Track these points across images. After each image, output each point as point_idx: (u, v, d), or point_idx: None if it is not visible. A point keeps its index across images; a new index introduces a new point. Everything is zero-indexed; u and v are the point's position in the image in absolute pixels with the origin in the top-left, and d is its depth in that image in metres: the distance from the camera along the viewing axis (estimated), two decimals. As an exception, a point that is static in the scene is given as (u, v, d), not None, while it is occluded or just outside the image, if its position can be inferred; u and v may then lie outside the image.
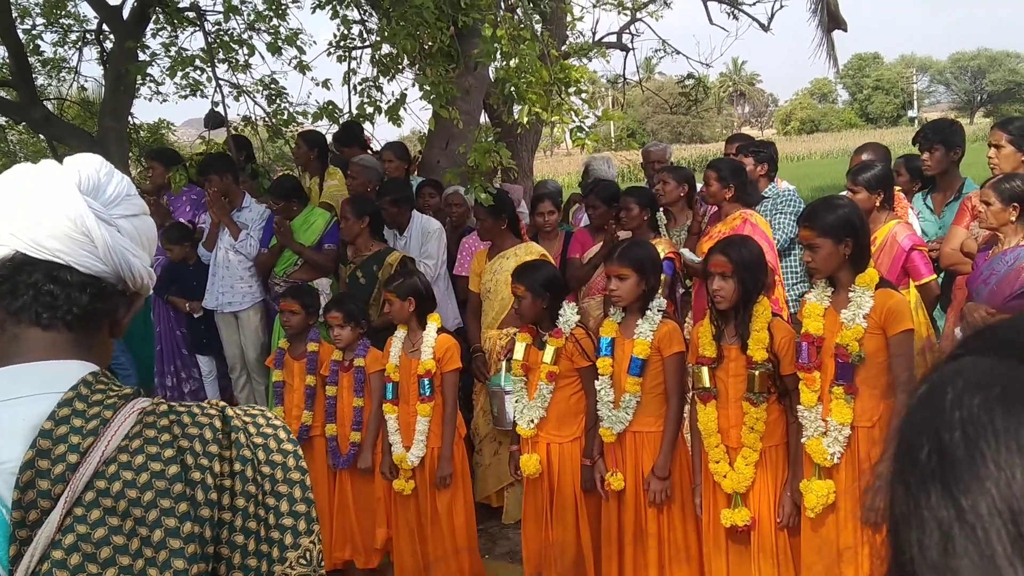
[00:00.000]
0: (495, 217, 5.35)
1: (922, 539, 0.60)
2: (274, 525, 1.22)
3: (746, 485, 3.64)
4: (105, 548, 1.09)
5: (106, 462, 1.13)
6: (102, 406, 1.18)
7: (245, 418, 1.27)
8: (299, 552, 1.23)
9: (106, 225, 1.25)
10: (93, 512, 1.10)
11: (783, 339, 3.64)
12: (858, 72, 78.99)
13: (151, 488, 1.13)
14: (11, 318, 1.23)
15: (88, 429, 1.15)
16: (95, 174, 1.28)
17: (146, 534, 1.11)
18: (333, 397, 4.85)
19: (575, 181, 30.53)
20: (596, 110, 6.15)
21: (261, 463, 1.23)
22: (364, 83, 7.27)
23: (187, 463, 1.17)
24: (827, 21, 10.60)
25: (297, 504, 1.25)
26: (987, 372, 0.62)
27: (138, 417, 1.18)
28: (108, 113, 8.00)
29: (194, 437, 1.19)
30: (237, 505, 1.19)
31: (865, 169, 4.79)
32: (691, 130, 65.33)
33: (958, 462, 0.59)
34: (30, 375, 1.20)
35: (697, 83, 11.43)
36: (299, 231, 6.08)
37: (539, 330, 4.30)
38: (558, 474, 4.21)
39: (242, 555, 1.19)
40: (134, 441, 1.16)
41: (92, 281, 1.25)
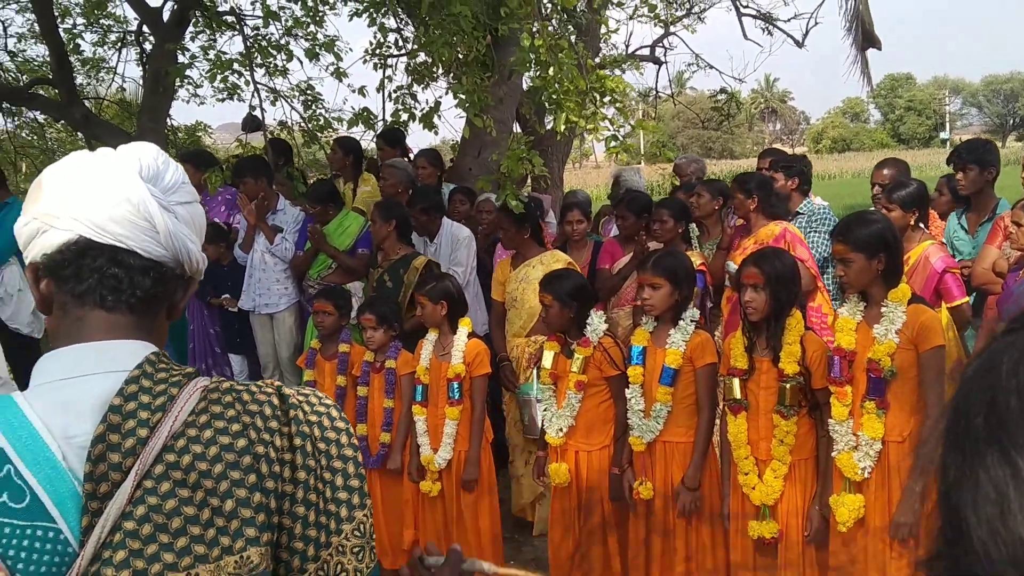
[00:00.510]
0: (518, 226, 5.35)
1: (977, 499, 0.63)
2: (331, 498, 1.26)
3: (774, 498, 3.64)
4: (176, 518, 1.13)
5: (174, 436, 1.17)
6: (167, 383, 1.21)
7: (300, 397, 1.31)
8: (354, 525, 1.28)
9: (166, 211, 1.29)
10: (163, 484, 1.14)
11: (815, 352, 3.64)
12: (891, 92, 78.51)
13: (220, 460, 1.17)
14: (75, 300, 1.26)
15: (156, 405, 1.18)
16: (154, 162, 1.32)
17: (217, 504, 1.15)
18: (364, 398, 4.89)
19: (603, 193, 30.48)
20: (630, 120, 6.17)
21: (318, 439, 1.28)
22: (399, 90, 7.35)
23: (252, 437, 1.21)
24: (861, 39, 10.56)
25: (351, 479, 1.29)
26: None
27: (202, 394, 1.22)
28: (146, 113, 8.12)
29: (255, 413, 1.23)
30: (298, 478, 1.23)
31: (901, 187, 4.77)
32: (721, 145, 65.14)
33: (1013, 424, 0.62)
34: (95, 354, 1.23)
35: (729, 98, 11.42)
36: (334, 235, 6.14)
37: (567, 339, 4.32)
38: (586, 482, 4.21)
39: (303, 526, 1.23)
40: (201, 416, 1.20)
41: (153, 265, 1.29)
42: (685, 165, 7.16)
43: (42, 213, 1.26)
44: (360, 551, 1.28)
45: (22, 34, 10.62)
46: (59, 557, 1.11)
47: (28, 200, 1.30)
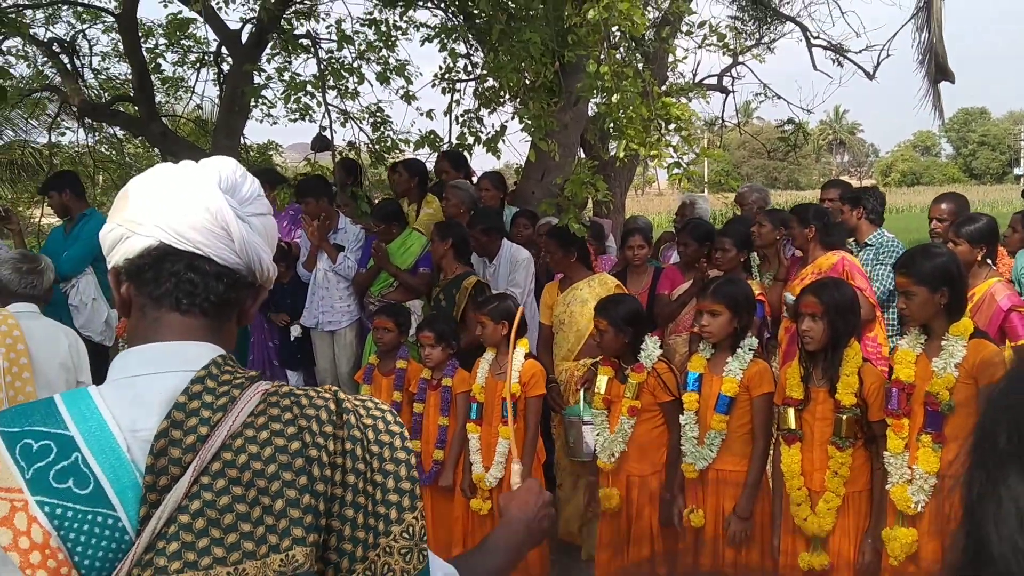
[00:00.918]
0: (565, 249, 5.38)
1: (998, 516, 0.64)
2: (380, 500, 1.29)
3: (827, 530, 3.60)
4: (228, 515, 1.17)
5: (233, 436, 1.22)
6: (231, 385, 1.27)
7: (355, 402, 1.35)
8: (403, 527, 1.30)
9: (241, 221, 1.36)
10: (219, 481, 1.19)
11: (872, 385, 3.60)
12: (964, 126, 76.94)
13: (274, 461, 1.22)
14: (152, 303, 1.33)
15: (218, 405, 1.24)
16: (232, 175, 1.39)
17: (268, 503, 1.19)
18: (420, 414, 4.96)
19: (665, 221, 30.37)
20: (695, 147, 6.18)
21: (370, 443, 1.31)
22: (466, 114, 7.47)
23: (306, 440, 1.25)
24: (934, 72, 10.44)
25: (402, 482, 1.32)
26: None
27: (262, 397, 1.28)
28: (222, 131, 8.35)
29: (311, 417, 1.28)
30: (348, 481, 1.27)
31: (970, 221, 4.69)
32: (787, 176, 64.42)
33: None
34: (167, 354, 1.30)
35: (796, 128, 11.34)
36: (396, 254, 6.25)
37: (621, 364, 4.34)
38: (636, 507, 4.21)
39: (351, 528, 1.27)
40: (259, 418, 1.25)
41: (228, 272, 1.35)
42: (747, 194, 7.14)
43: (127, 220, 1.34)
44: (408, 553, 1.30)
45: (107, 53, 10.99)
46: (116, 544, 1.16)
47: (114, 208, 1.38)
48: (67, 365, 4.20)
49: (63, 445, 1.19)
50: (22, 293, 4.22)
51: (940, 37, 10.24)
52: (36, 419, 1.21)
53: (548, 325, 5.58)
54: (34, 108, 11.75)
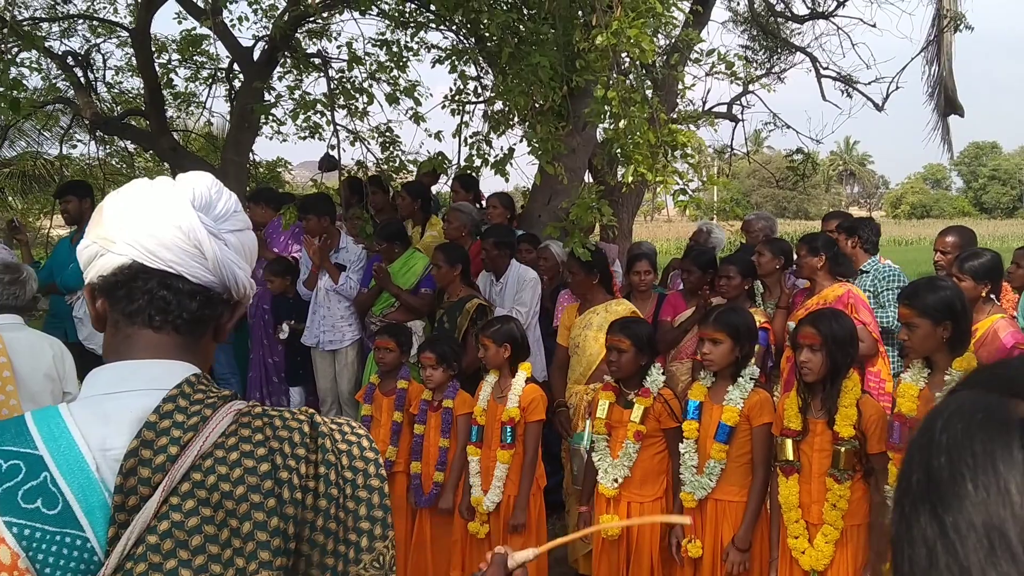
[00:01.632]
0: (587, 272, 5.38)
1: (912, 556, 0.65)
2: (352, 528, 1.28)
3: (824, 563, 3.56)
4: (196, 536, 1.16)
5: (203, 456, 1.21)
6: (203, 404, 1.26)
7: (332, 425, 1.34)
8: (373, 555, 1.29)
9: (215, 239, 1.35)
10: (188, 502, 1.18)
11: (871, 417, 3.58)
12: (974, 160, 76.90)
13: (243, 483, 1.20)
14: (125, 319, 1.33)
15: (189, 424, 1.23)
16: (207, 191, 1.38)
17: (236, 525, 1.18)
18: (420, 436, 4.94)
19: (673, 247, 30.37)
20: (702, 175, 6.19)
21: (344, 468, 1.31)
22: (475, 136, 7.49)
23: (276, 463, 1.24)
24: (943, 105, 10.47)
25: (375, 510, 1.31)
26: (972, 402, 0.68)
27: (235, 417, 1.27)
28: (231, 147, 8.39)
29: (284, 439, 1.27)
30: (320, 506, 1.26)
31: (974, 257, 4.65)
32: (796, 206, 64.41)
33: (942, 483, 0.65)
34: (139, 372, 1.30)
35: (806, 158, 11.34)
36: (398, 273, 6.25)
37: (623, 388, 4.32)
38: (636, 535, 4.18)
39: (321, 554, 1.25)
40: (230, 439, 1.24)
41: (201, 290, 1.35)
42: (754, 222, 7.12)
43: (101, 237, 1.33)
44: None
45: (120, 67, 11.09)
46: (85, 564, 1.15)
47: (90, 224, 1.37)
48: (52, 376, 4.15)
49: (32, 464, 1.18)
50: (4, 304, 4.18)
51: (950, 71, 10.27)
52: (6, 438, 1.20)
53: (564, 347, 5.56)
54: (47, 120, 11.85)
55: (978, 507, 0.62)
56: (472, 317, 5.58)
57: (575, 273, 5.44)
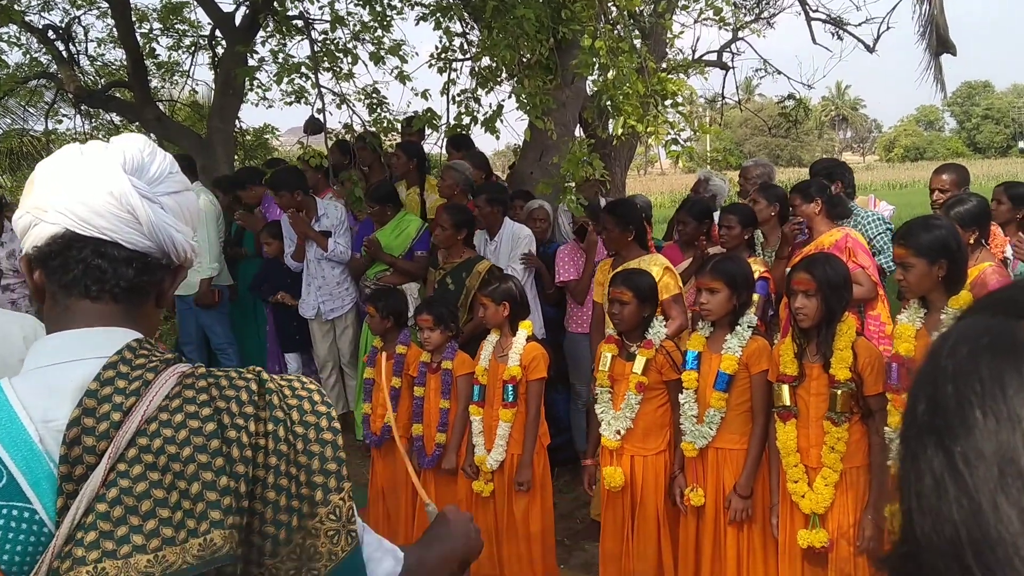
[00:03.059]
0: (622, 228, 5.19)
1: (919, 488, 0.63)
2: (305, 482, 1.27)
3: (825, 506, 3.57)
4: (146, 501, 1.15)
5: (148, 420, 1.19)
6: (144, 369, 1.24)
7: (281, 382, 1.33)
8: (329, 508, 1.29)
9: (149, 202, 1.31)
10: (135, 467, 1.16)
11: (867, 359, 3.56)
12: (967, 100, 76.65)
13: (189, 444, 1.19)
14: (62, 291, 1.30)
15: (131, 390, 1.21)
16: (139, 154, 1.34)
17: (184, 487, 1.17)
18: (420, 398, 4.93)
19: (668, 201, 30.30)
20: (693, 125, 6.13)
21: (294, 423, 1.29)
22: (463, 94, 7.41)
23: (223, 422, 1.22)
24: (935, 44, 10.35)
25: (328, 463, 1.30)
26: (978, 327, 0.66)
27: (178, 379, 1.25)
28: (216, 115, 8.33)
29: (231, 399, 1.25)
30: (270, 463, 1.25)
31: (959, 204, 4.59)
32: (790, 153, 64.29)
33: (949, 413, 0.62)
34: (79, 341, 1.28)
35: (797, 104, 11.26)
36: (391, 236, 6.21)
37: (625, 341, 4.30)
38: (641, 487, 4.18)
39: (274, 510, 1.24)
40: (174, 401, 1.22)
41: (137, 256, 1.32)
42: (751, 168, 7.04)
43: (33, 207, 1.30)
44: (335, 534, 1.29)
45: (101, 39, 10.97)
46: (35, 537, 1.14)
47: (24, 194, 1.35)
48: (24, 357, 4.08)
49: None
50: None
51: (941, 8, 10.14)
52: None
53: (600, 304, 5.38)
54: (31, 96, 11.74)
55: (987, 435, 0.60)
56: (484, 279, 5.50)
57: (610, 229, 5.26)
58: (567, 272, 5.91)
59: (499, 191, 6.25)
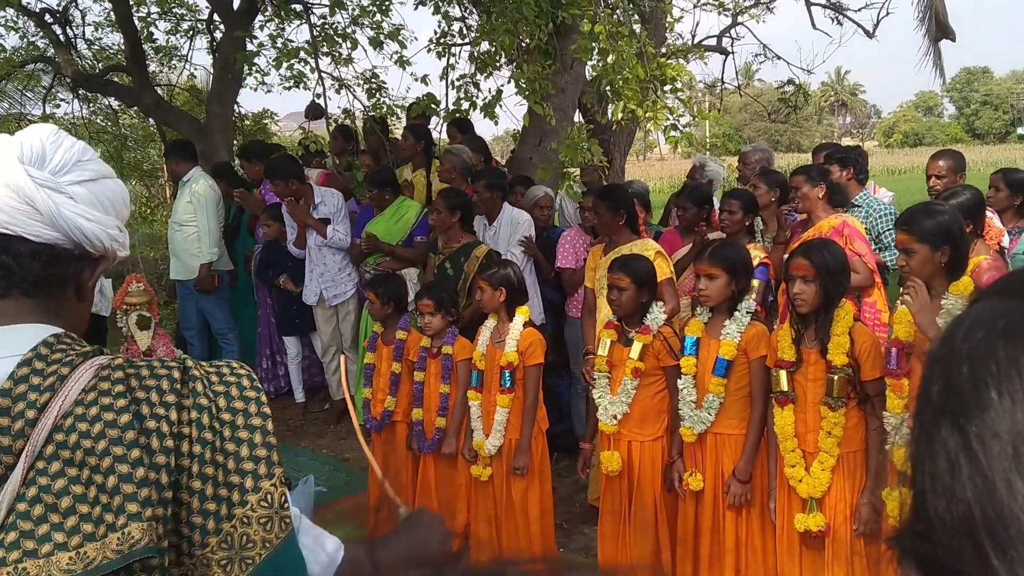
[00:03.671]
0: (614, 212, 5.19)
1: (933, 469, 0.64)
2: (234, 470, 1.24)
3: (822, 490, 3.59)
4: (65, 498, 1.13)
5: (64, 416, 1.17)
6: (60, 363, 1.21)
7: (208, 369, 1.30)
8: (260, 495, 1.25)
9: (53, 192, 1.27)
10: (53, 464, 1.14)
11: (864, 344, 3.57)
12: (966, 86, 76.48)
13: (104, 437, 1.16)
14: None
15: (45, 386, 1.18)
16: (40, 144, 1.30)
17: (101, 481, 1.14)
18: (420, 383, 4.94)
19: (667, 186, 30.23)
20: (692, 110, 6.12)
21: (221, 410, 1.26)
22: (462, 79, 7.39)
23: (142, 412, 1.20)
24: (934, 30, 10.33)
25: (257, 449, 1.27)
26: (994, 309, 0.66)
27: (95, 372, 1.22)
28: (215, 100, 8.31)
29: (151, 388, 1.22)
30: (194, 452, 1.22)
31: (953, 197, 4.55)
32: (789, 139, 64.17)
33: (964, 393, 0.63)
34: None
35: (797, 89, 11.23)
36: (390, 222, 6.21)
37: (624, 327, 4.31)
38: (638, 473, 4.20)
39: (200, 500, 1.22)
40: (89, 394, 1.19)
41: (44, 249, 1.28)
42: (750, 154, 7.02)
43: None
44: (268, 521, 1.25)
45: (99, 22, 10.92)
46: None
47: None
48: None
49: None
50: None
51: (941, -6, 10.12)
52: None
53: (592, 289, 5.41)
54: (28, 80, 11.70)
55: (1003, 415, 0.60)
56: (482, 263, 5.50)
57: (601, 214, 5.27)
58: (566, 259, 5.91)
59: (498, 176, 6.25)
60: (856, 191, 5.71)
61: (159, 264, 11.70)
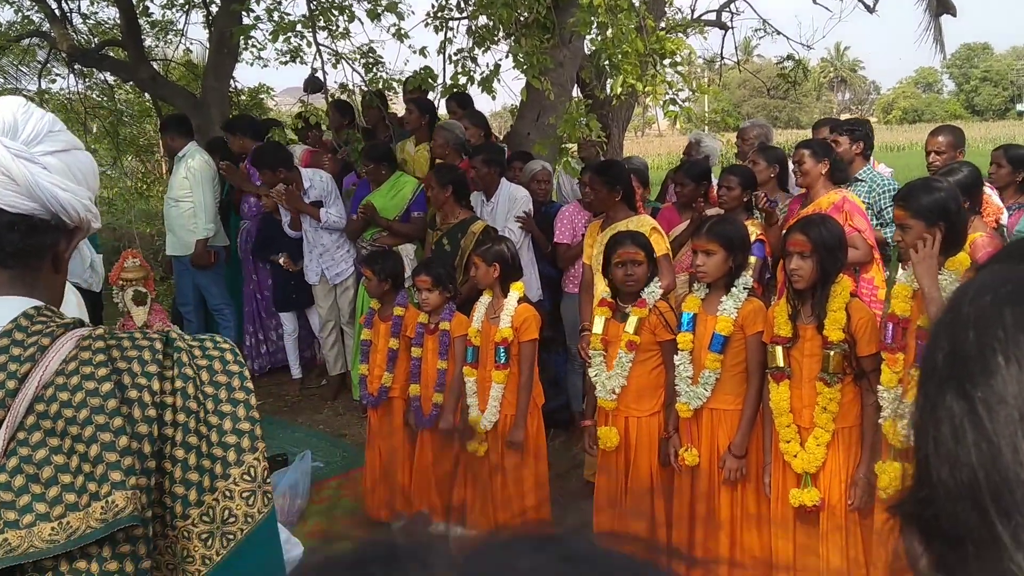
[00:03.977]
0: (609, 188, 5.16)
1: (937, 435, 0.63)
2: (217, 442, 1.25)
3: (816, 465, 3.60)
4: (47, 468, 1.13)
5: (44, 386, 1.17)
6: (40, 335, 1.22)
7: (192, 342, 1.30)
8: (243, 469, 1.26)
9: (27, 162, 1.26)
10: (34, 435, 1.15)
11: (860, 320, 3.58)
12: (966, 62, 76.15)
13: (86, 406, 1.16)
14: None
15: (26, 356, 1.19)
16: (10, 116, 1.29)
17: (83, 450, 1.15)
18: (418, 359, 4.94)
19: (665, 163, 30.13)
20: (691, 84, 6.07)
21: (204, 383, 1.26)
22: (459, 54, 7.34)
23: (123, 382, 1.20)
24: (935, 5, 10.27)
25: (241, 423, 1.27)
26: (1001, 275, 0.66)
27: (76, 343, 1.22)
28: (211, 74, 8.26)
29: (132, 359, 1.23)
30: (178, 420, 1.22)
31: (950, 173, 4.53)
32: (788, 115, 63.94)
33: (970, 359, 0.62)
34: None
35: (796, 65, 11.16)
36: (387, 198, 6.19)
37: (619, 303, 4.30)
38: (635, 448, 4.21)
39: (183, 469, 1.22)
40: (70, 364, 1.19)
41: (20, 219, 1.27)
42: (749, 130, 6.99)
43: None
44: (251, 496, 1.26)
45: (94, -4, 10.83)
46: None
47: None
48: None
49: None
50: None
51: (942, -32, 10.05)
52: None
53: (589, 266, 5.38)
54: (23, 55, 11.62)
55: (1009, 380, 0.60)
56: (479, 239, 5.48)
57: (597, 189, 5.24)
58: (563, 235, 5.90)
59: (496, 152, 6.21)
60: (861, 166, 5.64)
61: (155, 240, 11.66)
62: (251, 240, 7.11)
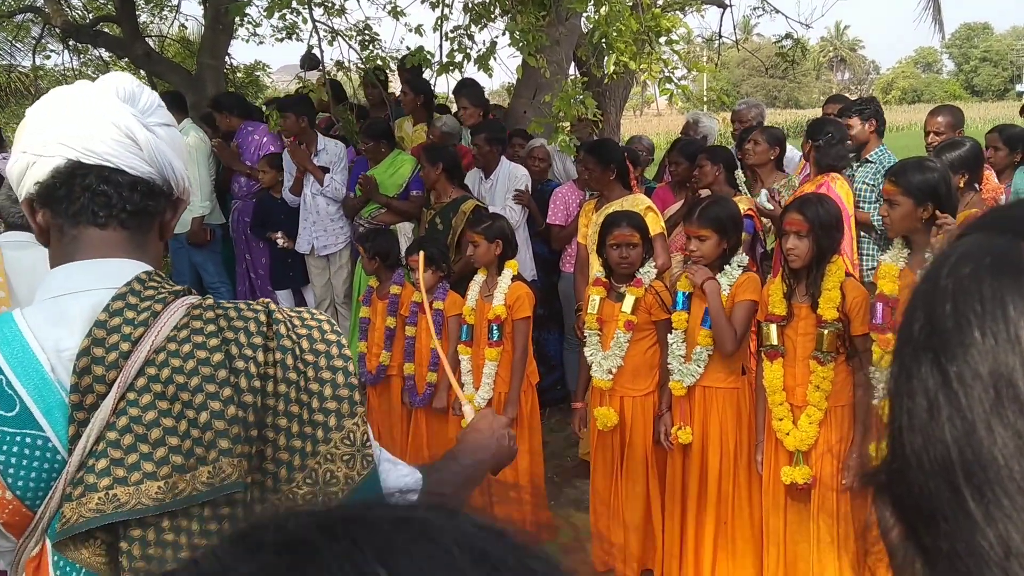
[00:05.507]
0: (603, 167, 5.15)
1: (911, 407, 0.62)
2: (318, 409, 1.30)
3: (809, 444, 3.62)
4: (155, 429, 1.18)
5: (156, 351, 1.22)
6: (153, 300, 1.26)
7: (290, 313, 1.35)
8: (343, 433, 1.31)
9: (147, 130, 1.34)
10: (144, 397, 1.19)
11: (855, 299, 3.58)
12: (966, 42, 75.87)
13: (197, 374, 1.21)
14: (69, 220, 1.32)
15: (139, 320, 1.23)
16: (129, 86, 1.37)
17: (193, 416, 1.20)
18: (412, 338, 4.95)
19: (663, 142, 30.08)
20: (686, 63, 6.05)
21: (304, 352, 1.31)
22: (456, 31, 7.29)
23: (231, 352, 1.25)
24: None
25: (340, 389, 1.32)
26: (981, 245, 0.64)
27: (187, 311, 1.27)
28: (206, 51, 8.21)
29: (239, 329, 1.27)
30: (280, 391, 1.27)
31: (951, 148, 4.54)
32: (787, 94, 63.80)
33: (947, 331, 0.61)
34: (89, 271, 1.29)
35: (795, 44, 11.11)
36: (385, 175, 6.17)
37: (614, 283, 4.30)
38: (630, 428, 4.22)
39: (287, 437, 1.27)
40: (182, 331, 1.24)
41: (141, 182, 1.34)
42: (745, 111, 6.99)
43: (29, 147, 1.31)
44: (351, 459, 1.31)
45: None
46: (48, 464, 1.18)
47: (15, 140, 1.35)
48: None
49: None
50: (13, 222, 4.08)
51: (942, -53, 9.99)
52: None
53: (585, 246, 5.37)
54: (17, 31, 11.55)
55: (985, 355, 0.59)
56: (469, 219, 5.48)
57: (591, 168, 5.22)
58: (557, 215, 5.90)
59: (498, 130, 6.20)
60: (876, 145, 5.52)
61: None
62: (243, 219, 7.08)
